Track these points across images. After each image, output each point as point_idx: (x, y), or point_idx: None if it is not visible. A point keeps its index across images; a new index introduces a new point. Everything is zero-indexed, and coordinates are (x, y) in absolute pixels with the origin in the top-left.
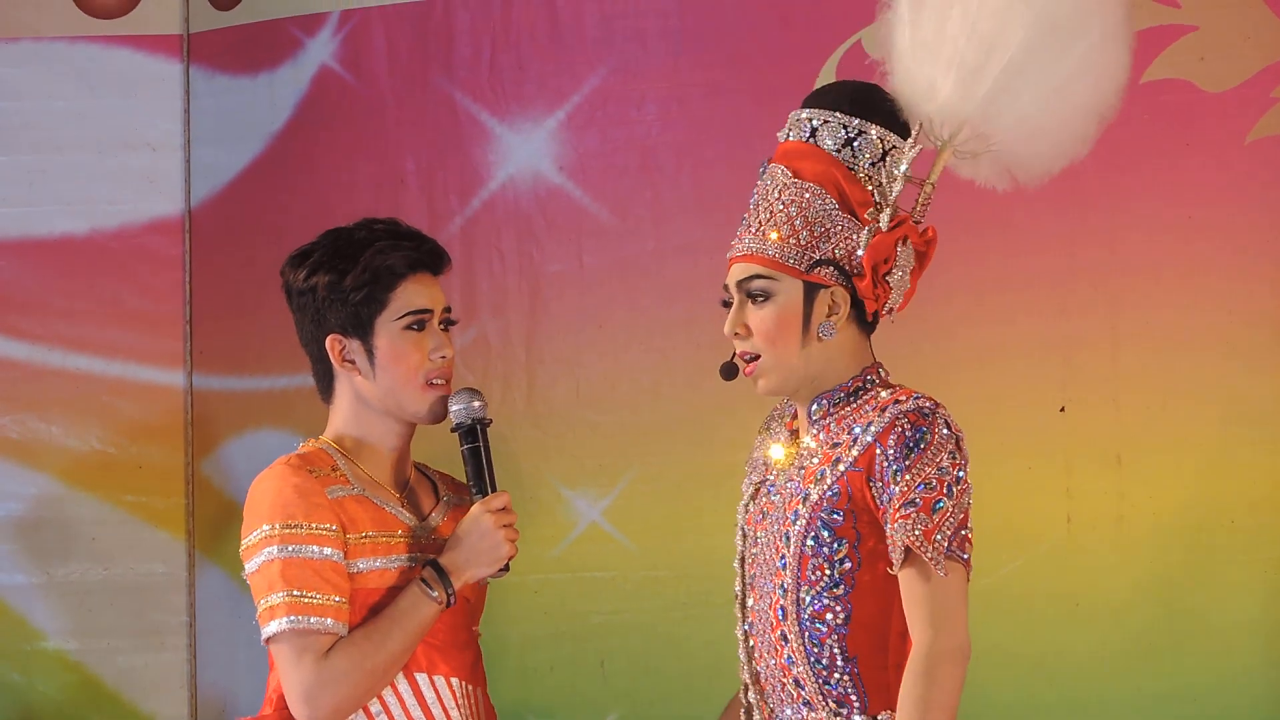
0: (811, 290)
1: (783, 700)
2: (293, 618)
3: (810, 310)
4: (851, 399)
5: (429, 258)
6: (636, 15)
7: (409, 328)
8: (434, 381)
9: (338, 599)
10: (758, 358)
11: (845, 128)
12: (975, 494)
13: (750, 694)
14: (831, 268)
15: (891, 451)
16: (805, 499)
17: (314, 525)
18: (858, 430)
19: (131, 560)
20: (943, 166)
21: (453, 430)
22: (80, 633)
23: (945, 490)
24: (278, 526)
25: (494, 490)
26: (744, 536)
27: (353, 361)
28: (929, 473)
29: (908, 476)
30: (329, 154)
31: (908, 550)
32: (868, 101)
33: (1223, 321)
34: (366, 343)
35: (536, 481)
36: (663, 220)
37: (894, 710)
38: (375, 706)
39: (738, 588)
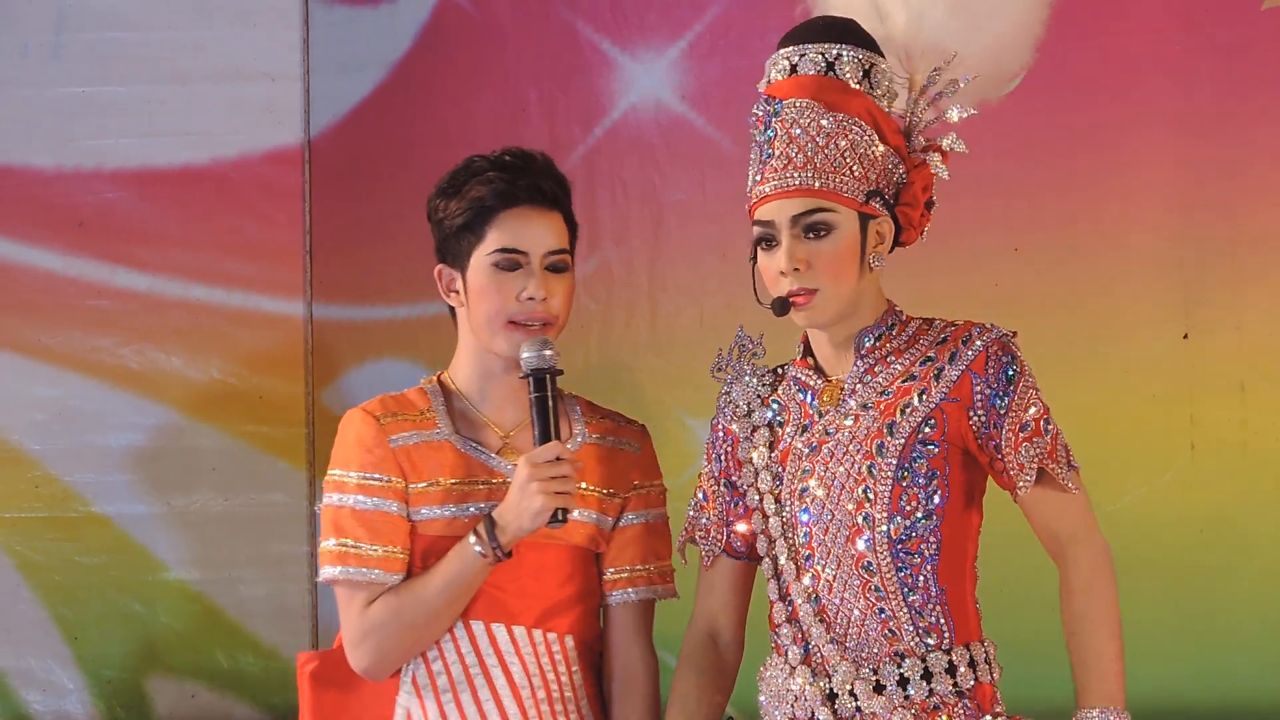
0: (866, 221)
1: (863, 634)
2: (340, 568)
3: (865, 241)
4: (893, 332)
5: (525, 192)
6: None
7: (497, 265)
8: (517, 321)
9: (385, 549)
10: (814, 291)
11: (860, 61)
12: (1098, 421)
13: (809, 628)
14: (879, 199)
15: (992, 380)
16: (890, 429)
17: (367, 476)
18: (938, 361)
19: (252, 491)
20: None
21: (521, 377)
22: (201, 563)
23: (1047, 410)
24: (337, 474)
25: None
26: (776, 477)
27: (458, 292)
28: (1031, 396)
29: (1015, 402)
30: (450, 84)
31: (1040, 472)
32: (857, 32)
33: None
34: (464, 275)
35: (660, 410)
36: None
37: (975, 640)
38: (432, 652)
39: (775, 526)
